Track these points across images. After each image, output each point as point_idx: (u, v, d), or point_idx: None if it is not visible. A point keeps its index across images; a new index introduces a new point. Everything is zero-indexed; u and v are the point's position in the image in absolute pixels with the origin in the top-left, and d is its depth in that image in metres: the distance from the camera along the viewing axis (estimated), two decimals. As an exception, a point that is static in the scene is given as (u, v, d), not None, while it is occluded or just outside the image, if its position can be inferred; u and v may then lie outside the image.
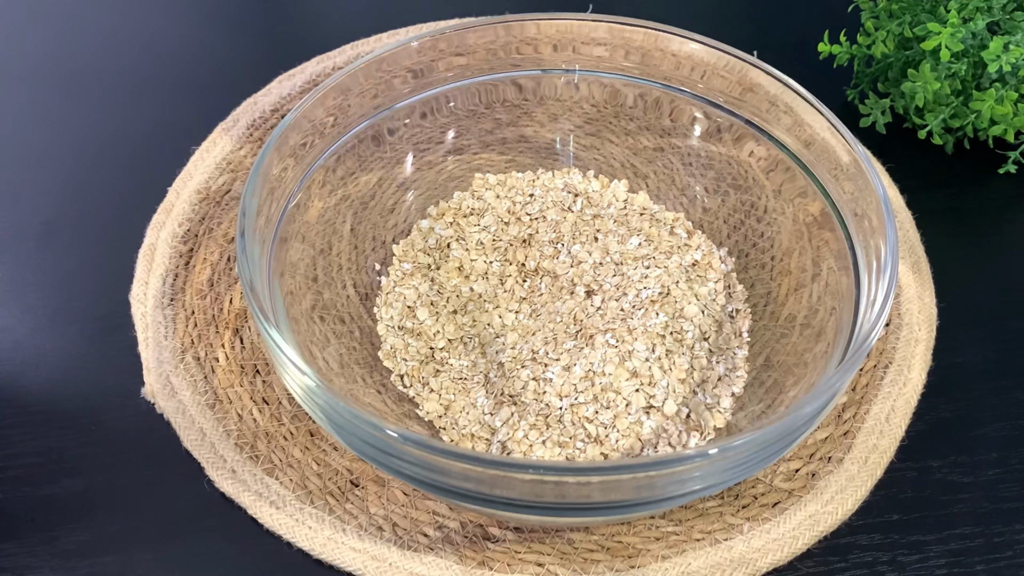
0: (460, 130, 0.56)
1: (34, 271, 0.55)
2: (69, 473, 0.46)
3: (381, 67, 0.50)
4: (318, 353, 0.46)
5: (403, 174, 0.55)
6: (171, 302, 0.52)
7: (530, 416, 0.46)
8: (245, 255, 0.41)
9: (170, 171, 0.58)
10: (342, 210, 0.52)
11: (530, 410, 0.46)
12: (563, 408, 0.46)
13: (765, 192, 0.52)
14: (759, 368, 0.48)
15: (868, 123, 0.61)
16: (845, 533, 0.45)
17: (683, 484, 0.36)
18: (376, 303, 0.52)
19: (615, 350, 0.48)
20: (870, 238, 0.43)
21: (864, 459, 0.46)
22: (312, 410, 0.39)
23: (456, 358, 0.49)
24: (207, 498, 0.45)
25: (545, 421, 0.46)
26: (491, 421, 0.46)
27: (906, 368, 0.50)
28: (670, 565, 0.43)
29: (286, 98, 0.63)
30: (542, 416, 0.46)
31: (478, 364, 0.49)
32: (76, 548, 0.44)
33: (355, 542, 0.43)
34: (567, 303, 0.51)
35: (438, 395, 0.48)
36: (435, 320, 0.51)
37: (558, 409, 0.46)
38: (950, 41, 0.53)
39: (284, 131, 0.46)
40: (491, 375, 0.48)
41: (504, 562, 0.43)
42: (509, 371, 0.48)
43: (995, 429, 0.49)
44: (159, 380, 0.49)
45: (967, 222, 0.59)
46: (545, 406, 0.46)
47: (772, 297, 0.51)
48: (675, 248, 0.53)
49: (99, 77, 0.67)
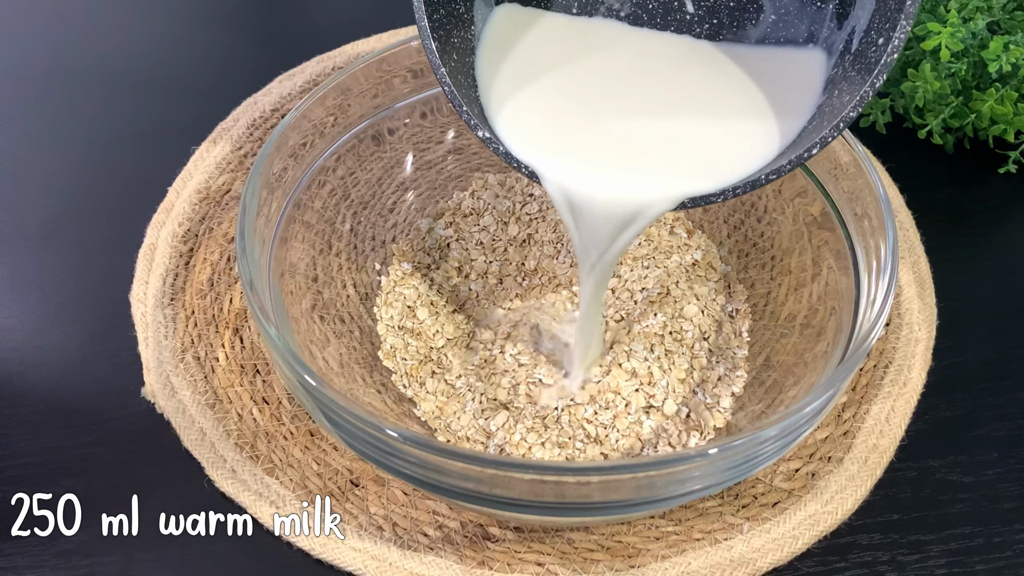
0: (460, 130, 0.56)
1: (34, 271, 0.55)
2: (69, 473, 0.47)
3: (381, 67, 0.50)
4: (318, 353, 0.46)
5: (403, 174, 0.55)
6: (171, 302, 0.52)
7: (527, 420, 0.46)
8: (245, 255, 0.41)
9: (170, 171, 0.58)
10: (342, 210, 0.52)
11: (525, 413, 0.46)
12: (559, 409, 0.46)
13: (765, 192, 0.52)
14: (759, 368, 0.48)
15: (868, 123, 0.61)
16: (845, 533, 0.45)
17: (683, 484, 0.36)
18: (376, 303, 0.52)
19: (614, 351, 0.48)
20: (870, 238, 0.43)
21: (864, 459, 0.46)
22: (312, 410, 0.39)
23: (456, 358, 0.49)
24: (207, 498, 0.45)
25: (543, 423, 0.46)
26: (486, 425, 0.46)
27: (906, 368, 0.50)
28: (670, 565, 0.43)
29: (286, 98, 0.63)
30: (539, 419, 0.46)
31: (468, 364, 0.49)
32: (76, 548, 0.44)
33: (355, 542, 0.43)
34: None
35: (434, 396, 0.48)
36: (435, 320, 0.51)
37: (554, 411, 0.46)
38: (950, 41, 0.53)
39: (284, 131, 0.46)
40: (480, 377, 0.48)
41: (504, 562, 0.43)
42: (498, 375, 0.48)
43: (995, 429, 0.49)
44: (159, 380, 0.49)
45: (967, 222, 0.59)
46: (541, 408, 0.46)
47: (772, 297, 0.51)
48: (675, 248, 0.53)
49: (99, 77, 0.67)
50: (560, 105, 0.40)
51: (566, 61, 0.41)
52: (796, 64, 0.40)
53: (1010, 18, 0.56)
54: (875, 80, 0.35)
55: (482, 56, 0.42)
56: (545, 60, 0.41)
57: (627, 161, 0.38)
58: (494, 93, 0.41)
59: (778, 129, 0.38)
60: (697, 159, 0.38)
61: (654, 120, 0.39)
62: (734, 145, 0.38)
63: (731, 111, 0.39)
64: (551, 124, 0.39)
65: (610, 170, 0.38)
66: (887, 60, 0.35)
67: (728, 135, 0.39)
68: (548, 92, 0.40)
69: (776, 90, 0.40)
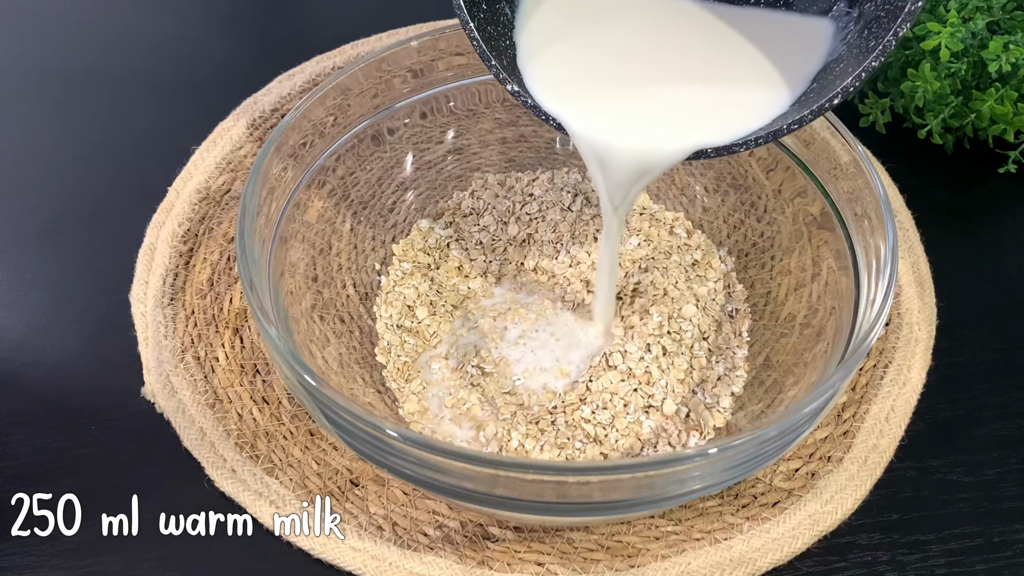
0: (460, 130, 0.56)
1: (34, 271, 0.55)
2: (69, 473, 0.47)
3: (381, 67, 0.50)
4: (318, 352, 0.46)
5: (403, 174, 0.55)
6: (171, 302, 0.52)
7: (520, 426, 0.46)
8: (245, 255, 0.41)
9: (170, 171, 0.58)
10: (342, 210, 0.52)
11: (519, 419, 0.46)
12: (555, 411, 0.46)
13: (765, 191, 0.52)
14: (759, 368, 0.48)
15: (868, 123, 0.61)
16: (845, 533, 0.45)
17: (683, 484, 0.36)
18: (376, 302, 0.52)
19: (614, 350, 0.48)
20: (870, 238, 0.43)
21: (864, 459, 0.46)
22: (312, 410, 0.39)
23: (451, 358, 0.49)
24: (207, 498, 0.45)
25: (537, 427, 0.46)
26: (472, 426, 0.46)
27: (906, 368, 0.50)
28: (670, 564, 0.43)
29: (286, 98, 0.63)
30: (533, 423, 0.46)
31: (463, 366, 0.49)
32: (76, 548, 0.44)
33: (355, 541, 0.43)
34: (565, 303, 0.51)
35: (417, 397, 0.48)
36: (433, 319, 0.51)
37: (550, 412, 0.46)
38: (950, 41, 0.53)
39: (284, 131, 0.46)
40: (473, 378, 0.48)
41: (504, 561, 0.43)
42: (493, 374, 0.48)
43: (995, 429, 0.49)
44: (159, 380, 0.49)
45: (967, 222, 0.59)
46: (538, 408, 0.46)
47: (772, 297, 0.51)
48: (674, 248, 0.53)
49: (99, 77, 0.67)
50: (587, 60, 0.43)
51: (595, 18, 0.45)
52: (807, 29, 0.43)
53: (1010, 18, 0.56)
54: (898, 29, 0.36)
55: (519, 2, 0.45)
56: (575, 16, 0.45)
57: (647, 114, 0.42)
58: (524, 42, 0.44)
59: (787, 86, 0.42)
60: (712, 112, 0.41)
61: (674, 77, 0.43)
62: (746, 100, 0.41)
63: (744, 69, 0.43)
64: (578, 78, 0.43)
65: (632, 123, 0.41)
66: (912, 8, 0.36)
67: (741, 90, 0.42)
68: (577, 47, 0.44)
69: (789, 49, 0.43)
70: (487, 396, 0.47)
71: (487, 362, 0.48)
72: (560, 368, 0.48)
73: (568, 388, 0.47)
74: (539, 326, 0.50)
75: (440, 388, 0.48)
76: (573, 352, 0.49)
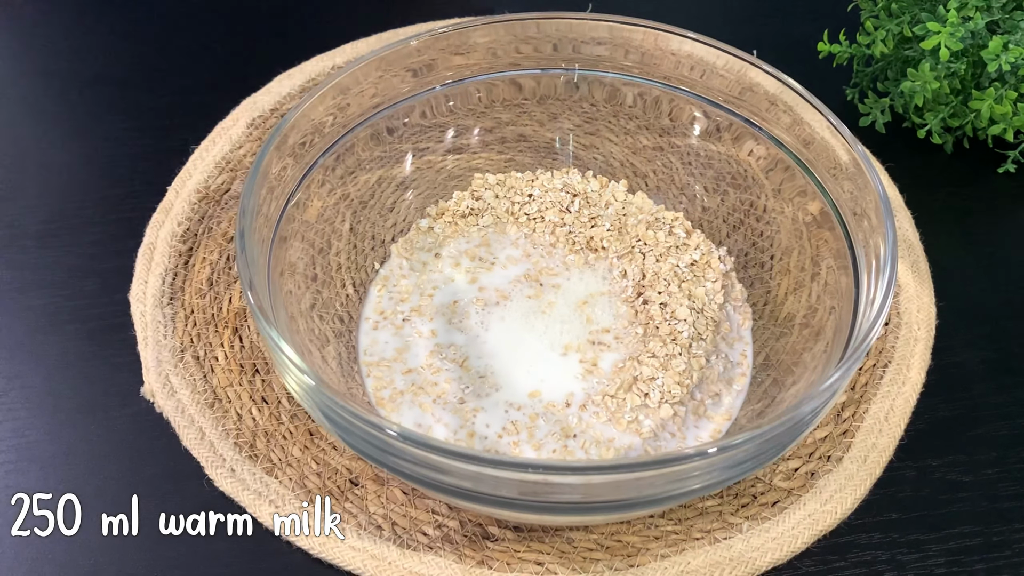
0: (460, 130, 0.56)
1: (34, 271, 0.55)
2: (69, 473, 0.46)
3: (381, 67, 0.50)
4: (317, 352, 0.46)
5: (402, 173, 0.55)
6: (170, 301, 0.52)
7: (518, 426, 0.46)
8: (244, 254, 0.41)
9: (170, 170, 0.58)
10: (341, 209, 0.52)
11: (518, 419, 0.46)
12: (555, 410, 0.46)
13: (764, 191, 0.52)
14: (758, 367, 0.48)
15: (868, 122, 0.61)
16: (844, 532, 0.45)
17: (683, 483, 0.36)
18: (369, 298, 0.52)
19: (612, 350, 0.48)
20: (869, 237, 0.43)
21: (863, 458, 0.46)
22: (311, 409, 0.39)
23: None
24: (207, 498, 0.45)
25: (536, 427, 0.46)
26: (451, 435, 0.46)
27: (905, 367, 0.50)
28: (669, 564, 0.43)
29: (286, 98, 0.63)
30: (532, 423, 0.46)
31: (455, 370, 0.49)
32: (76, 548, 0.44)
33: (355, 541, 0.43)
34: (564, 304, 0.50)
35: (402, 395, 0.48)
36: (423, 317, 0.51)
37: (548, 412, 0.46)
38: (949, 40, 0.53)
39: (284, 131, 0.46)
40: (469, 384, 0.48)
41: (503, 561, 0.43)
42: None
43: (994, 428, 0.49)
44: (158, 379, 0.49)
45: (967, 222, 0.59)
46: (537, 408, 0.46)
47: (771, 296, 0.51)
48: (674, 248, 0.53)
49: (99, 77, 0.67)
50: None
51: None
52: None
53: (1009, 17, 0.56)
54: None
55: None
56: None
57: None
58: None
59: None
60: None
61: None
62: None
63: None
64: None
65: None
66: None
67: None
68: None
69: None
70: (482, 395, 0.47)
71: (482, 361, 0.48)
72: (560, 368, 0.48)
73: (567, 388, 0.47)
74: (539, 325, 0.50)
75: (428, 383, 0.48)
76: (572, 352, 0.49)
